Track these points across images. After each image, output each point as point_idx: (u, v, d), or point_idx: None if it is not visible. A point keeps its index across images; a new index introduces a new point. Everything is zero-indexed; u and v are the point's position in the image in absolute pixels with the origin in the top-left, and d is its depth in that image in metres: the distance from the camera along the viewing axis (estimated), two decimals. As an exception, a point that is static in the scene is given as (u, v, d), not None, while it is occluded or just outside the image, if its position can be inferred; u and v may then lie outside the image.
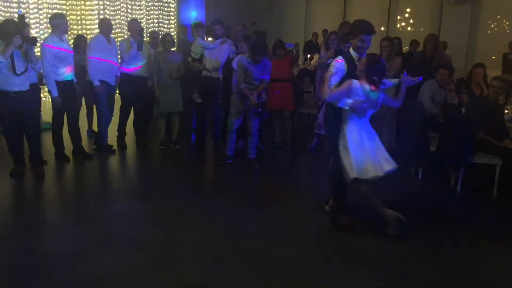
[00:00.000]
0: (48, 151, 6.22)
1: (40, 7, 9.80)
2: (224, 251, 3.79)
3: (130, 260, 3.59)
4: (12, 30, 4.93)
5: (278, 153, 6.88)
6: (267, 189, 5.35)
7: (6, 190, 5.11)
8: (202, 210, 4.61)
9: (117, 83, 6.50)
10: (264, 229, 4.25)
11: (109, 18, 10.70)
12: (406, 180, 5.77)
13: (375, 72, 3.97)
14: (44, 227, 4.21)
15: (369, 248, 3.91)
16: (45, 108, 8.19)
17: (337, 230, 4.25)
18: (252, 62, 5.75)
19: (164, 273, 3.42)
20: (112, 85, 6.44)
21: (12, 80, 5.05)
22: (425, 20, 11.93)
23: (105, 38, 6.25)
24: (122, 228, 4.20)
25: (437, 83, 5.96)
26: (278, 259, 3.67)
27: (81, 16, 10.34)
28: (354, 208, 4.46)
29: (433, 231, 4.33)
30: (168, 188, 5.25)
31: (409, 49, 8.55)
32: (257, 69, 5.80)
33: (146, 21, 11.56)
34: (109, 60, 6.24)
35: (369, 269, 3.57)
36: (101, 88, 6.16)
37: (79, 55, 6.43)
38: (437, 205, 5.03)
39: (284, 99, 6.85)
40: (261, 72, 5.84)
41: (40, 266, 3.45)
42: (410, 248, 3.95)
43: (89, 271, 3.41)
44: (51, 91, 5.66)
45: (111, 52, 6.29)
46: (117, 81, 6.44)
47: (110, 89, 6.45)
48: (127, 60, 6.47)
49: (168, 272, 3.44)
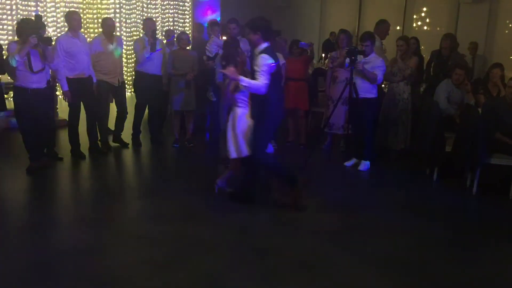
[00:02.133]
0: (64, 148, 6.29)
1: (58, 5, 9.91)
2: (237, 249, 3.80)
3: (144, 257, 3.61)
4: (29, 29, 5.02)
5: (291, 152, 6.87)
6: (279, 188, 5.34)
7: (21, 186, 5.18)
8: (216, 208, 4.63)
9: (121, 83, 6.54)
10: (277, 228, 4.26)
11: (125, 17, 10.82)
12: (421, 181, 5.73)
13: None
14: (58, 224, 4.26)
15: (382, 248, 3.89)
16: (61, 106, 8.29)
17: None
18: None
19: (178, 271, 3.43)
20: (116, 86, 6.45)
21: (30, 78, 5.16)
22: (442, 19, 11.79)
23: (106, 38, 6.29)
24: (136, 225, 4.24)
25: (453, 83, 5.90)
26: (290, 258, 3.67)
27: (97, 14, 10.43)
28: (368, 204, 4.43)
29: (448, 232, 4.29)
30: (182, 186, 5.27)
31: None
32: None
33: (162, 20, 11.61)
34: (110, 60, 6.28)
35: (382, 268, 3.55)
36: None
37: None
38: (453, 206, 4.98)
39: (299, 98, 6.84)
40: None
41: (56, 262, 3.50)
42: (425, 249, 3.92)
43: (104, 267, 3.45)
44: (61, 85, 5.80)
45: (112, 52, 6.30)
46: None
47: (112, 89, 6.48)
48: (141, 60, 6.51)
49: (182, 269, 3.46)
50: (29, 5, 9.44)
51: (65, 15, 6.15)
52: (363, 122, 5.85)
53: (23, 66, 5.10)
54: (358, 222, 4.43)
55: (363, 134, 5.90)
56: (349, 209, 4.76)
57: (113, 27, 6.45)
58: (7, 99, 8.46)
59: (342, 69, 6.41)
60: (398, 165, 6.34)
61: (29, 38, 4.94)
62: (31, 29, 5.04)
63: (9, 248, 3.69)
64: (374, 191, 5.40)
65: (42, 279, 3.27)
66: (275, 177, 4.90)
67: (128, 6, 10.91)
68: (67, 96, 5.82)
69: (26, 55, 5.04)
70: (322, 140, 6.89)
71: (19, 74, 5.16)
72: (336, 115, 6.23)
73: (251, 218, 4.44)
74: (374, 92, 5.85)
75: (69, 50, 5.75)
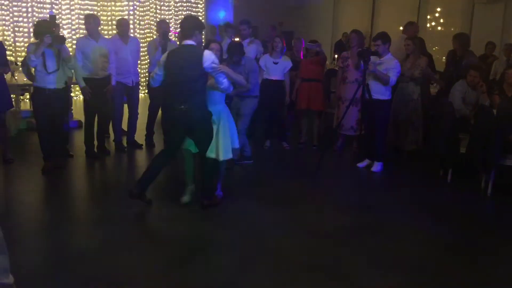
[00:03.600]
0: (78, 148, 6.36)
1: (72, 8, 10.03)
2: (248, 250, 3.81)
3: (155, 257, 3.63)
4: (44, 29, 5.14)
5: (304, 153, 6.86)
6: (292, 189, 5.34)
7: (36, 186, 5.24)
8: (227, 209, 4.64)
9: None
10: (289, 228, 4.25)
11: (138, 18, 10.91)
12: (435, 182, 5.68)
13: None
14: (70, 224, 4.28)
15: (395, 249, 3.86)
16: (76, 107, 8.38)
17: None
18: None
19: (189, 271, 3.45)
20: (130, 86, 6.49)
21: (46, 78, 5.26)
22: (456, 19, 11.70)
23: (120, 39, 6.37)
24: (148, 225, 4.28)
25: (468, 85, 5.85)
26: (302, 259, 3.66)
27: (111, 16, 10.53)
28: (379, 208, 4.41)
29: (462, 234, 4.25)
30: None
31: (485, 51, 8.37)
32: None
33: (175, 21, 11.69)
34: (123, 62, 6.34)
35: (395, 270, 3.52)
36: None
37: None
38: (467, 208, 4.93)
39: (312, 99, 6.83)
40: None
41: (67, 262, 3.52)
42: (438, 251, 3.89)
43: (115, 267, 3.47)
44: (78, 83, 5.97)
45: (126, 53, 6.37)
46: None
47: (126, 90, 6.52)
48: (153, 61, 6.56)
49: (193, 270, 3.47)
50: (45, 7, 9.57)
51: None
52: (375, 124, 5.83)
53: (41, 66, 5.21)
54: (371, 223, 4.40)
55: (375, 136, 5.87)
56: (362, 210, 4.74)
57: (127, 27, 6.52)
58: (22, 100, 8.60)
59: (352, 69, 6.39)
60: (412, 166, 6.31)
61: (44, 38, 5.05)
62: (46, 29, 5.16)
63: (25, 247, 3.74)
64: (387, 193, 5.37)
65: (58, 278, 3.30)
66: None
67: (142, 8, 11.01)
68: (85, 93, 5.94)
69: (41, 55, 5.13)
70: (334, 141, 6.88)
71: (37, 74, 5.30)
72: (346, 116, 6.21)
73: (264, 218, 4.44)
74: (387, 94, 5.81)
75: (83, 50, 5.90)
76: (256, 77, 5.87)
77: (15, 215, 4.37)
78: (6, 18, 9.33)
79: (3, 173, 5.55)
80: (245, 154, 6.08)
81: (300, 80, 6.88)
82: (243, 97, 5.79)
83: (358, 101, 6.12)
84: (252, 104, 5.89)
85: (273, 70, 6.57)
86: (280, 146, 6.99)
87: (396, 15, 12.22)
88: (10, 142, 5.99)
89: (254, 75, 5.77)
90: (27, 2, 9.45)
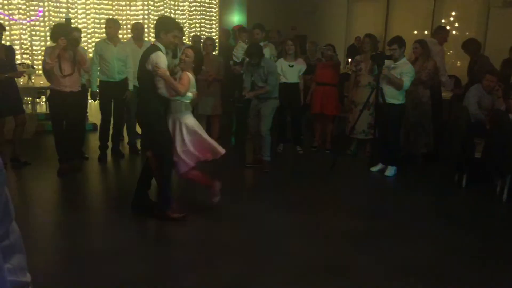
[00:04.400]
0: (93, 150, 6.42)
1: (88, 12, 10.15)
2: (261, 253, 3.81)
3: (169, 259, 3.66)
4: (59, 32, 5.25)
5: (317, 157, 6.84)
6: (305, 193, 5.33)
7: (52, 188, 5.30)
8: (241, 212, 4.65)
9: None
10: (301, 232, 4.25)
11: (153, 23, 10.99)
12: (450, 187, 5.63)
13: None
14: (86, 225, 4.33)
15: (409, 254, 3.84)
16: (91, 110, 8.46)
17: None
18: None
19: (202, 273, 3.46)
20: None
21: (62, 81, 5.34)
22: (471, 24, 11.58)
23: (135, 43, 6.43)
24: (162, 227, 4.29)
25: (484, 89, 5.79)
26: (314, 262, 3.66)
27: (126, 20, 10.63)
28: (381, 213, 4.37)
29: (477, 240, 4.20)
30: (206, 189, 5.29)
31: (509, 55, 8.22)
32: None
33: (189, 25, 11.76)
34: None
35: (409, 275, 3.50)
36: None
37: None
38: (482, 214, 4.88)
39: (325, 103, 6.82)
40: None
41: (83, 263, 3.56)
42: (452, 257, 3.85)
43: (130, 269, 3.50)
44: (91, 86, 6.12)
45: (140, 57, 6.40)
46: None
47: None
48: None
49: (206, 272, 3.49)
50: (61, 12, 9.70)
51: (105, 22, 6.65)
52: (389, 128, 5.80)
53: (57, 69, 5.30)
54: (386, 228, 4.38)
55: (389, 140, 5.84)
56: (376, 214, 4.71)
57: (142, 31, 6.59)
58: (38, 104, 8.71)
59: (365, 73, 6.37)
60: (426, 170, 6.26)
61: (58, 40, 5.15)
62: (61, 32, 5.25)
63: (42, 247, 3.78)
64: (401, 197, 5.33)
65: (74, 278, 3.34)
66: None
67: (156, 12, 11.10)
68: (93, 97, 6.10)
69: (57, 58, 5.20)
70: (347, 145, 6.85)
71: (54, 77, 5.37)
72: (358, 119, 6.19)
73: (277, 221, 4.44)
74: (400, 98, 5.77)
75: (101, 54, 6.01)
76: (275, 79, 5.89)
77: (32, 216, 4.42)
78: (24, 22, 9.47)
79: (20, 175, 5.63)
80: (264, 159, 5.99)
81: (315, 83, 6.89)
82: (264, 99, 5.84)
83: (371, 105, 6.10)
84: (273, 104, 5.90)
85: (289, 73, 6.58)
86: (293, 150, 6.98)
87: (411, 19, 12.14)
88: (20, 145, 5.94)
89: (274, 76, 5.79)
90: (44, 6, 9.59)
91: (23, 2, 9.37)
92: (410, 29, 11.91)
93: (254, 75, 5.83)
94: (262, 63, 5.71)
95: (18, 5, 9.36)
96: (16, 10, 9.35)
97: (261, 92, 5.80)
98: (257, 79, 5.82)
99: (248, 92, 5.86)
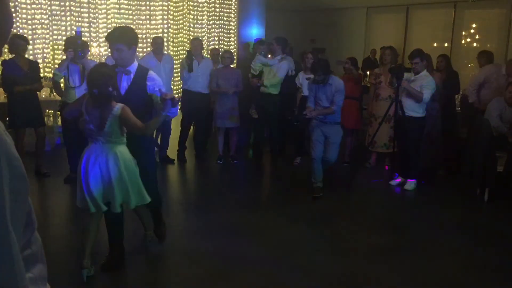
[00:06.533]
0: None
1: (109, 26, 10.32)
2: (278, 266, 3.77)
3: (185, 273, 3.65)
4: (67, 45, 5.38)
5: (335, 169, 6.78)
6: (323, 206, 5.28)
7: (69, 199, 5.35)
8: (258, 225, 4.62)
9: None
10: (320, 246, 4.21)
11: (172, 36, 11.14)
12: (471, 201, 5.53)
13: None
14: (104, 236, 4.35)
15: (429, 269, 3.76)
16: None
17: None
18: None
19: (218, 287, 3.44)
20: None
21: (72, 93, 5.37)
22: (492, 35, 11.45)
23: (154, 56, 6.51)
24: (177, 240, 4.27)
25: (506, 101, 5.70)
26: (334, 276, 3.61)
27: (146, 34, 10.78)
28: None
29: (498, 256, 4.10)
30: (224, 202, 5.30)
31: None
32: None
33: (207, 39, 11.87)
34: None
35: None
36: None
37: None
38: (504, 229, 4.77)
39: (345, 117, 6.75)
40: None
41: (101, 274, 3.57)
42: (473, 272, 3.76)
43: (149, 282, 3.50)
44: None
45: (160, 70, 6.45)
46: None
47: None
48: (185, 77, 6.69)
49: (222, 285, 3.46)
50: (83, 26, 9.89)
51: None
52: (408, 141, 5.73)
53: (66, 81, 5.40)
54: (406, 242, 4.31)
55: (409, 153, 5.78)
56: (396, 228, 4.65)
57: (162, 45, 6.67)
58: (59, 116, 8.84)
59: (385, 86, 6.33)
60: (447, 184, 6.16)
61: (66, 53, 5.30)
62: (69, 45, 5.37)
63: (61, 257, 3.80)
64: (421, 211, 5.24)
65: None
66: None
67: (176, 26, 11.23)
68: None
69: (66, 70, 5.28)
70: (366, 158, 6.79)
71: (65, 89, 5.49)
72: (378, 132, 6.12)
73: (296, 235, 4.41)
74: (420, 111, 5.71)
75: None
76: (342, 100, 5.38)
77: (51, 227, 4.47)
78: (46, 36, 9.67)
79: (40, 186, 5.70)
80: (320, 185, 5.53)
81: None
82: (329, 123, 5.36)
83: (391, 118, 6.04)
84: (341, 132, 5.48)
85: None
86: (310, 163, 6.93)
87: (430, 32, 12.07)
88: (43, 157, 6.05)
89: (342, 97, 5.32)
90: (66, 21, 9.79)
91: (46, 17, 9.58)
92: (429, 41, 11.82)
93: (318, 93, 5.34)
94: (330, 80, 5.26)
95: (42, 20, 9.56)
96: (39, 25, 9.56)
97: (325, 112, 5.30)
98: (322, 97, 5.33)
99: (311, 111, 5.32)
